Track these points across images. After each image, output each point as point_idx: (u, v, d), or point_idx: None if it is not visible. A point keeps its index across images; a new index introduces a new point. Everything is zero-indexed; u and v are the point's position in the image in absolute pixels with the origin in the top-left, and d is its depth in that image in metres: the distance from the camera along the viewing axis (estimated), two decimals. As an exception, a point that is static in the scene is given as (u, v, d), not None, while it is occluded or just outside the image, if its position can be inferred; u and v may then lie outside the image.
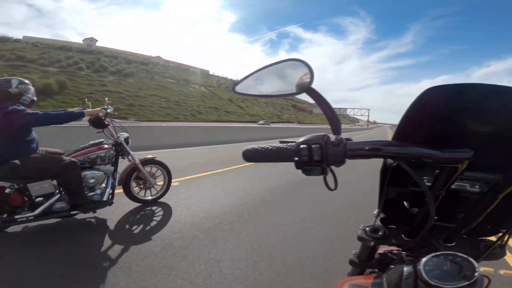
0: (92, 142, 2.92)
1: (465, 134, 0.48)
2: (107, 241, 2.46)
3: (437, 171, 0.54)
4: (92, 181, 2.75)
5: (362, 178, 5.34)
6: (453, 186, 0.55)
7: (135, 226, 2.82)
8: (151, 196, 3.48)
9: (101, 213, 2.97)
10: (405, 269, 0.44)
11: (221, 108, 61.54)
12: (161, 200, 3.52)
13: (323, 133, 0.48)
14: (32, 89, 2.49)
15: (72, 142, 5.05)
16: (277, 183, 4.93)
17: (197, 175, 5.22)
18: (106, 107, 2.89)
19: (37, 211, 2.44)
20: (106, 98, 3.06)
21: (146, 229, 2.78)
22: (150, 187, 3.44)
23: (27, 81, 2.47)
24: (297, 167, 0.49)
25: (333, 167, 0.50)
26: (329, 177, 0.52)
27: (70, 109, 2.68)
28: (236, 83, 0.62)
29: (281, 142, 0.55)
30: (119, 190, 3.16)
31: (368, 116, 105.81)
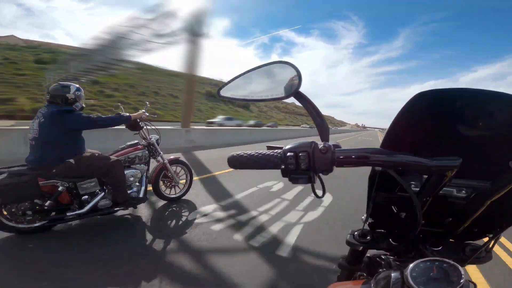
0: (128, 143, 3.11)
1: (454, 141, 0.48)
2: (148, 236, 2.64)
3: (425, 176, 0.54)
4: (131, 179, 2.92)
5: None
6: (441, 192, 0.55)
7: (169, 221, 3.03)
8: (175, 194, 3.68)
9: (134, 211, 3.14)
10: (392, 275, 0.43)
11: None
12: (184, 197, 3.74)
13: (311, 140, 0.47)
14: (83, 95, 2.65)
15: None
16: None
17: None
18: (144, 110, 3.09)
19: (85, 208, 2.58)
20: (147, 102, 3.25)
21: (179, 224, 3.00)
22: (175, 185, 3.65)
23: (81, 88, 2.63)
24: (284, 175, 0.48)
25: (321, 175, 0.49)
26: (317, 184, 0.51)
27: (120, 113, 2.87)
28: (221, 86, 0.60)
29: (268, 148, 0.54)
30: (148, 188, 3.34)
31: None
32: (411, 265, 0.41)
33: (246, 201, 3.88)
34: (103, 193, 2.72)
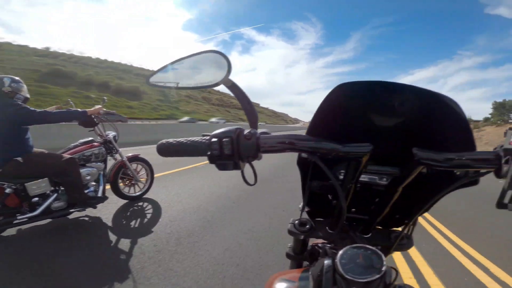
0: (81, 140, 2.90)
1: (369, 129, 0.50)
2: (107, 239, 2.48)
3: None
4: (88, 177, 2.75)
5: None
6: (365, 179, 0.58)
7: (132, 222, 2.91)
8: (136, 192, 3.55)
9: (90, 211, 2.95)
10: (325, 262, 0.44)
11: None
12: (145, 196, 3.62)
13: (236, 127, 0.48)
14: (24, 86, 2.39)
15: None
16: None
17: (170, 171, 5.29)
18: (101, 105, 2.91)
19: (37, 211, 2.36)
20: (105, 97, 3.05)
21: (143, 223, 2.91)
22: (135, 183, 3.51)
23: (17, 79, 2.37)
24: (210, 161, 0.48)
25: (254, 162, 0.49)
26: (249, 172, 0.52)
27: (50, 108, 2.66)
28: (150, 74, 0.60)
29: (203, 135, 0.53)
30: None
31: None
32: (340, 252, 0.43)
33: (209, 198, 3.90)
34: (56, 194, 2.52)
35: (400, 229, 0.61)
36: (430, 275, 2.16)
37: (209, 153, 0.47)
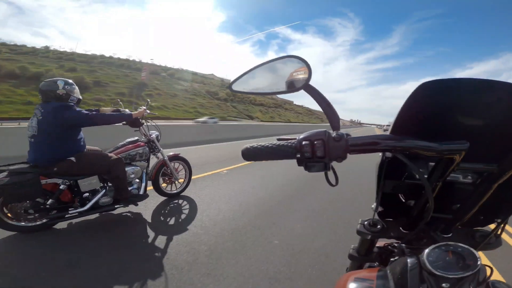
0: (128, 140, 3.09)
1: (459, 128, 0.50)
2: (150, 234, 2.64)
3: (432, 163, 0.55)
4: (132, 176, 2.92)
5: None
6: (448, 178, 0.56)
7: (169, 218, 3.05)
8: (175, 190, 3.70)
9: (133, 208, 3.15)
10: (409, 260, 0.44)
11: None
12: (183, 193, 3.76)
13: (324, 129, 0.49)
14: (76, 88, 2.58)
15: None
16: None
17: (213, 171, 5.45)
18: (145, 107, 3.07)
19: (87, 206, 2.58)
20: (148, 100, 3.22)
21: (180, 220, 3.02)
22: (175, 181, 3.66)
23: (71, 81, 2.57)
24: (299, 163, 0.49)
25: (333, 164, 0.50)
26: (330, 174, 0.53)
27: (104, 109, 2.83)
28: (232, 81, 0.61)
29: (279, 139, 0.55)
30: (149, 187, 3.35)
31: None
32: (426, 250, 0.42)
33: (243, 198, 3.92)
34: (104, 191, 2.72)
35: (489, 227, 0.59)
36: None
37: (298, 155, 0.49)
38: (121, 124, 3.09)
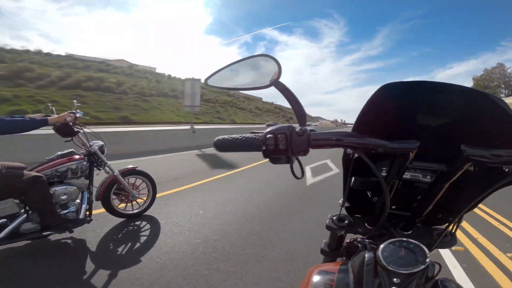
0: (60, 153, 2.50)
1: (416, 128, 0.53)
2: (88, 267, 2.07)
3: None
4: (64, 197, 2.34)
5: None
6: (407, 177, 0.59)
7: (121, 246, 2.44)
8: (136, 209, 3.10)
9: (79, 232, 2.56)
10: (366, 255, 0.47)
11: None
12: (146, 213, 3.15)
13: (289, 124, 0.51)
14: None
15: (36, 153, 4.47)
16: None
17: (187, 186, 4.86)
18: (74, 111, 2.49)
19: (2, 234, 2.01)
20: (74, 101, 2.65)
21: (134, 248, 2.41)
22: (133, 200, 3.07)
23: None
24: (265, 155, 0.51)
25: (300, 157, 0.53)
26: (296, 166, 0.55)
27: (30, 116, 2.27)
28: (208, 76, 0.64)
29: (252, 133, 0.57)
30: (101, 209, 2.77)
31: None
32: (381, 245, 0.45)
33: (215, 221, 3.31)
34: (24, 215, 2.15)
35: (442, 227, 0.62)
36: None
37: (264, 148, 0.51)
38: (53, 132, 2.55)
